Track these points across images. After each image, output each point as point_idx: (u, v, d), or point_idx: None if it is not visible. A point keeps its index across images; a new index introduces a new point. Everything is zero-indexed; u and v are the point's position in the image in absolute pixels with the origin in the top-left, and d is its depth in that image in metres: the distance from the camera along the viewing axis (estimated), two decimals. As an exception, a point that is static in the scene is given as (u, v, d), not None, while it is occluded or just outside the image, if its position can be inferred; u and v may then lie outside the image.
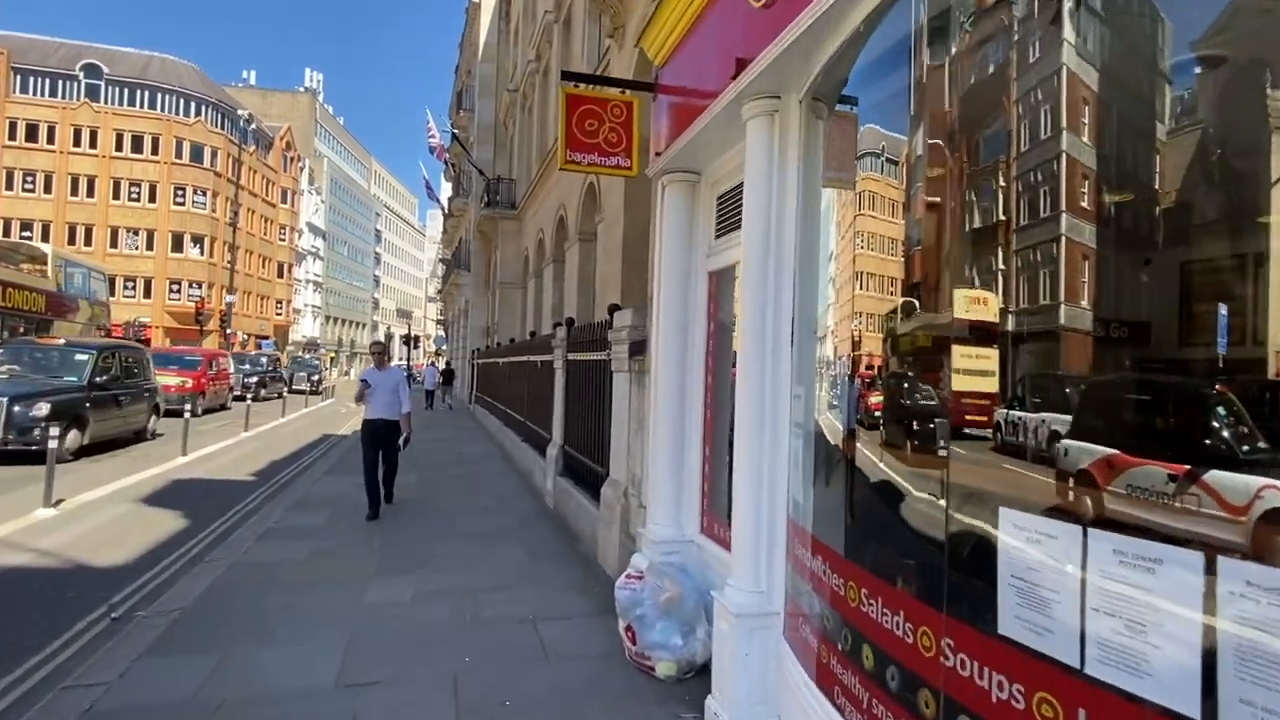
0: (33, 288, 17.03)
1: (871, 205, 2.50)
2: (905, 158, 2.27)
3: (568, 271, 14.70)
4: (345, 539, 6.13)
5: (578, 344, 7.04)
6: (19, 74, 46.50)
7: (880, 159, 2.48)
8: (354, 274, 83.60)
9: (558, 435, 7.81)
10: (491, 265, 26.33)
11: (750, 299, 2.99)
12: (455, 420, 19.76)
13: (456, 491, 8.59)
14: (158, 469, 9.94)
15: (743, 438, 2.99)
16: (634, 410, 5.03)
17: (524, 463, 9.98)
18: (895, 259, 2.33)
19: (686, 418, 4.12)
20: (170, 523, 6.95)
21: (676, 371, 4.11)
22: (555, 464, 7.67)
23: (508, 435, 12.16)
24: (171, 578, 5.29)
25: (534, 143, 19.98)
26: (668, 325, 4.14)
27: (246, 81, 73.65)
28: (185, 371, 19.07)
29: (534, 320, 19.18)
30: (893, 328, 2.27)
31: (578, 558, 5.78)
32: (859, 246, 2.50)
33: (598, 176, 11.90)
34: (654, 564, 3.64)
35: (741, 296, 3.07)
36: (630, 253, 8.39)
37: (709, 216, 4.07)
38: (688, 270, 4.15)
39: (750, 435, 2.95)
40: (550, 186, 16.86)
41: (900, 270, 2.30)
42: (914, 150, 2.19)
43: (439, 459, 11.35)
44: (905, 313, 2.22)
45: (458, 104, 30.76)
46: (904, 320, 2.22)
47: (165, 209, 47.77)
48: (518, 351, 11.67)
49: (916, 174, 2.17)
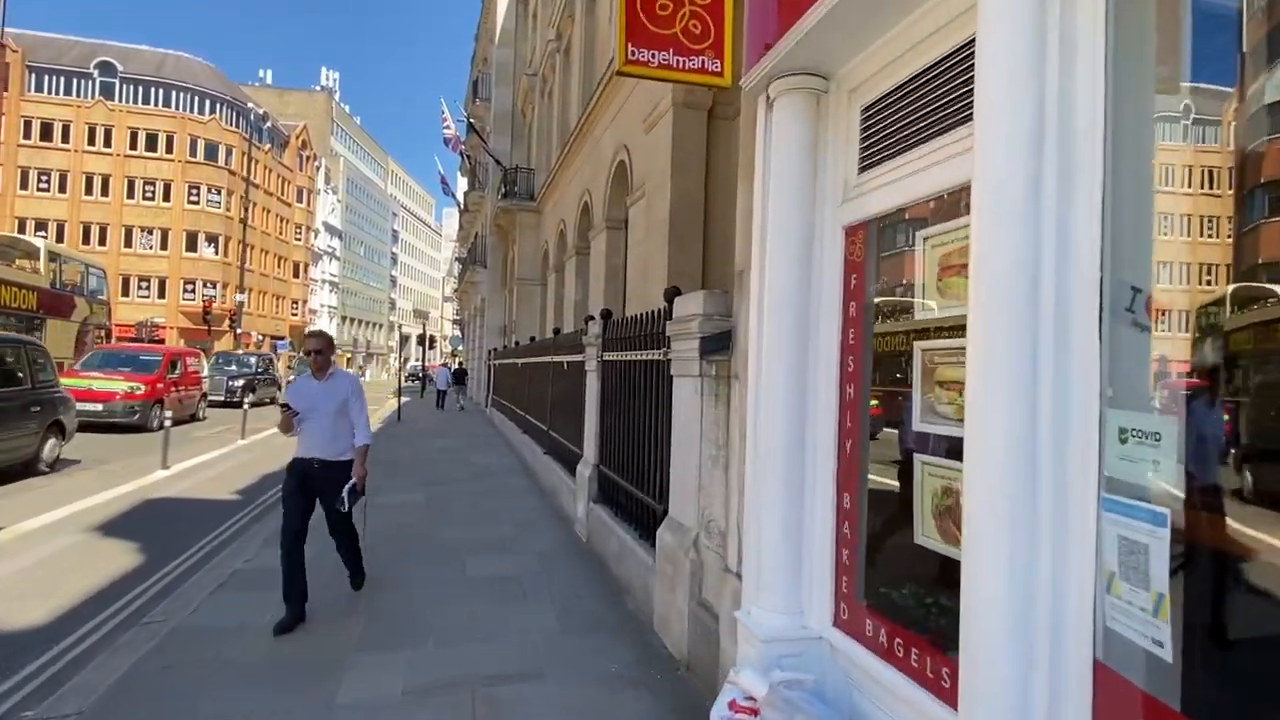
0: (22, 284, 16.00)
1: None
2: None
3: (592, 264, 13.38)
4: (327, 590, 4.81)
5: (618, 341, 5.69)
6: (33, 72, 46.14)
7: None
8: (370, 274, 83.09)
9: (591, 452, 6.45)
10: (509, 261, 25.10)
11: (995, 249, 1.62)
12: (469, 424, 18.50)
13: (469, 515, 7.26)
14: (131, 485, 8.71)
15: (982, 509, 1.62)
16: (708, 430, 3.66)
17: (547, 479, 8.63)
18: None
19: (809, 448, 2.74)
20: (120, 560, 5.68)
21: (792, 379, 2.73)
22: (588, 487, 6.31)
23: (528, 445, 10.83)
24: (91, 650, 4.00)
25: (554, 128, 18.70)
26: (778, 311, 2.76)
27: (263, 80, 73.38)
28: (138, 375, 14.89)
29: (554, 318, 17.91)
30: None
31: (625, 621, 4.41)
32: None
33: (629, 153, 10.55)
34: (776, 690, 2.25)
35: (974, 245, 1.69)
36: (680, 228, 7.02)
37: (846, 141, 2.69)
38: (808, 227, 2.77)
39: (1002, 506, 1.57)
40: (573, 172, 15.54)
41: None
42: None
43: (450, 472, 10.06)
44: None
45: (474, 94, 29.56)
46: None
47: (179, 208, 47.22)
48: (539, 351, 10.35)
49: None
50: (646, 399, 4.87)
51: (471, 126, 25.42)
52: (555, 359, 8.68)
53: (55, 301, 17.26)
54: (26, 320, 16.10)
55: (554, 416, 8.85)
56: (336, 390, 4.39)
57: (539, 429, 10.01)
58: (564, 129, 17.08)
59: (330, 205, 69.76)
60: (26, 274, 16.47)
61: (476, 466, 10.72)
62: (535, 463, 9.84)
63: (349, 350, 75.36)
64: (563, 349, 8.24)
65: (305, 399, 4.36)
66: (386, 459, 11.21)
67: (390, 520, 6.79)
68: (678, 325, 3.95)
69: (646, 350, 4.88)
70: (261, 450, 12.84)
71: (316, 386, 4.38)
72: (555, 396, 8.75)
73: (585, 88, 14.47)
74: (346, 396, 4.40)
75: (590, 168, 13.44)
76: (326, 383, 4.40)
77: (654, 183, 8.03)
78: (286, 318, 59.91)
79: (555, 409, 8.76)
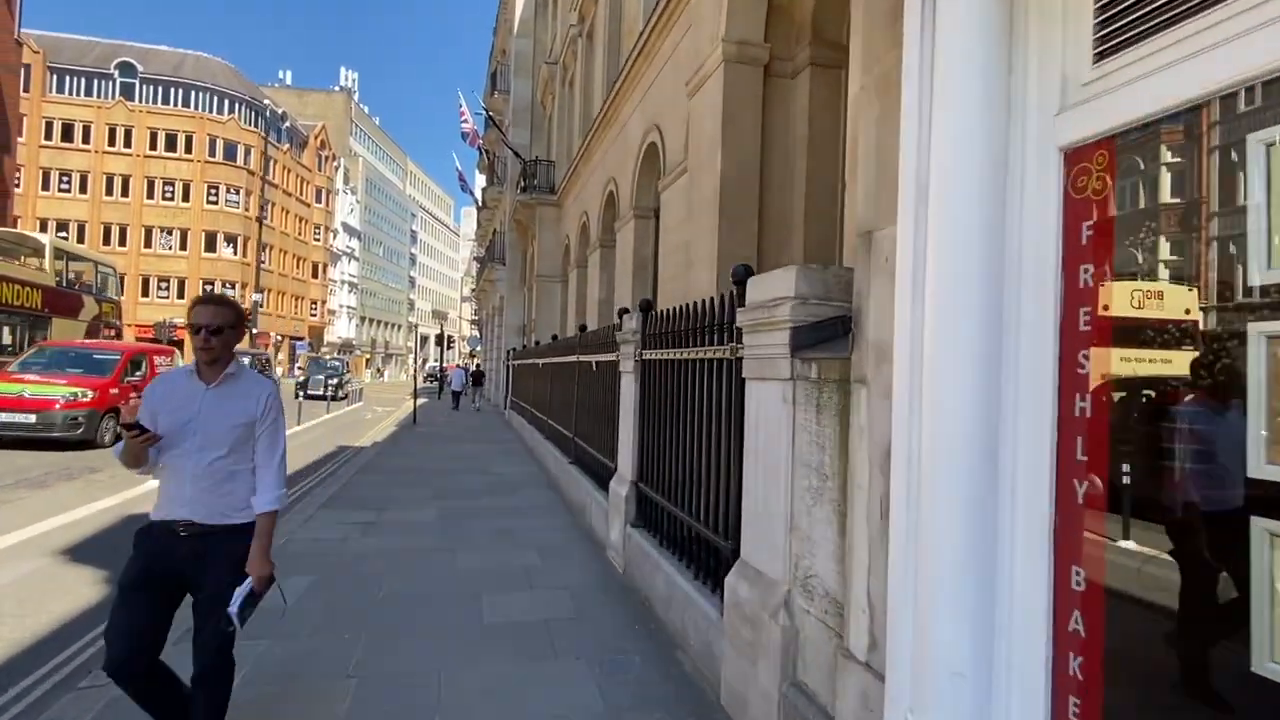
0: (26, 281, 15.41)
1: None
2: None
3: (619, 256, 12.47)
4: (313, 638, 3.92)
5: (662, 336, 4.75)
6: (55, 73, 46.26)
7: None
8: (389, 275, 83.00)
9: (627, 467, 5.52)
10: (528, 258, 24.30)
11: None
12: (486, 427, 17.67)
13: (487, 537, 6.36)
14: (115, 498, 7.92)
15: None
16: (804, 452, 2.71)
17: (574, 493, 7.73)
18: None
19: (1006, 492, 1.78)
20: (77, 595, 4.85)
21: (977, 388, 1.78)
22: (624, 508, 5.38)
23: (550, 452, 9.94)
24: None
25: (575, 117, 17.85)
26: (949, 287, 1.81)
27: (282, 81, 73.56)
28: (87, 378, 11.81)
29: (576, 316, 17.03)
30: None
31: (683, 690, 3.46)
32: None
33: (661, 133, 9.62)
34: None
35: None
36: (732, 205, 6.07)
37: (1065, 17, 1.73)
38: (997, 155, 1.81)
39: None
40: (596, 161, 14.65)
41: None
42: None
43: (466, 483, 9.18)
44: None
45: (492, 86, 28.78)
46: None
47: (198, 208, 47.13)
48: (563, 350, 9.46)
49: None
50: (704, 406, 3.93)
51: (490, 120, 24.61)
52: (582, 359, 7.77)
53: (61, 300, 16.68)
54: (30, 319, 15.53)
55: (580, 422, 7.94)
56: (237, 402, 2.51)
57: (563, 436, 9.11)
58: (586, 117, 16.21)
59: (349, 205, 69.62)
60: (31, 271, 15.89)
61: (495, 477, 9.84)
62: (560, 473, 8.94)
63: (368, 351, 75.26)
64: (591, 348, 7.33)
65: (175, 410, 2.46)
66: (398, 466, 10.40)
67: (397, 544, 5.93)
68: (753, 313, 3.01)
69: (703, 347, 3.95)
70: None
71: (199, 391, 2.49)
72: (582, 400, 7.84)
73: (610, 71, 13.59)
74: (252, 416, 2.51)
75: (617, 153, 12.54)
76: (219, 387, 2.49)
77: (699, 155, 7.05)
78: (305, 318, 59.78)
79: (582, 414, 7.86)
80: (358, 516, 6.93)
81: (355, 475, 9.51)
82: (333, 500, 7.75)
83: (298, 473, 10.24)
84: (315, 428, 17.64)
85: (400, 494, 8.21)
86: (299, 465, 10.85)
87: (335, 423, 19.61)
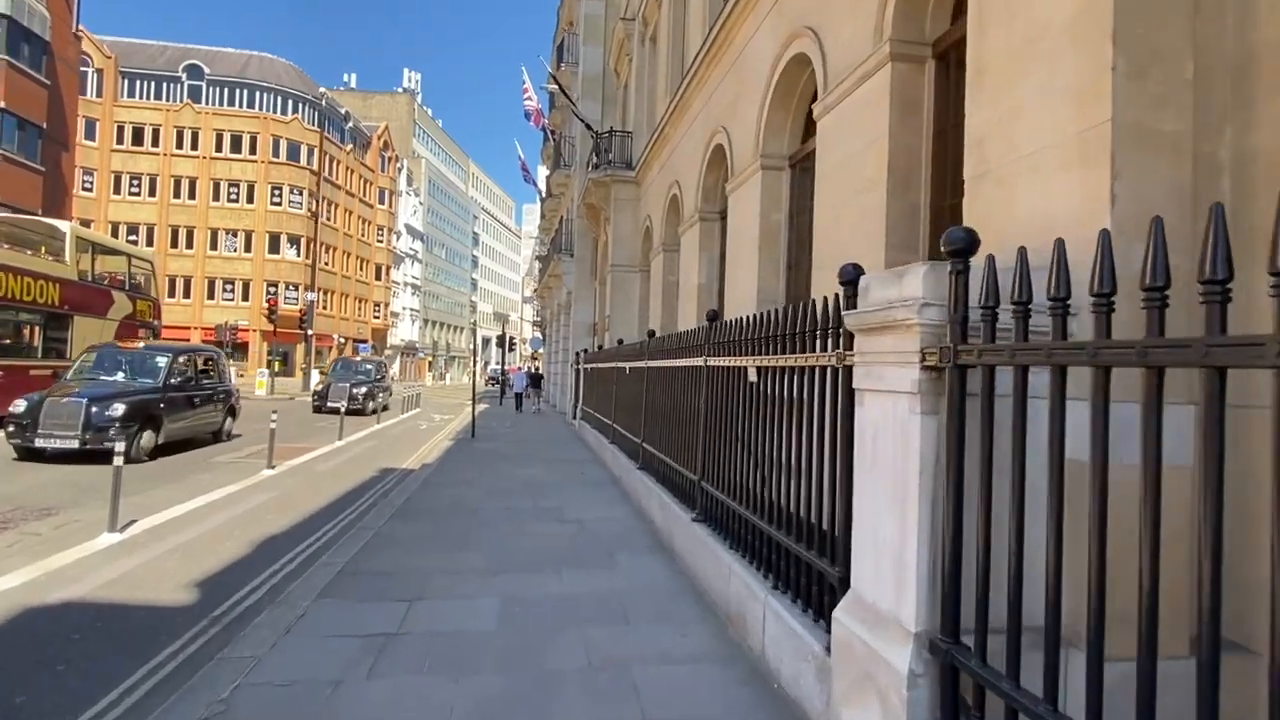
0: (40, 274, 13.57)
1: None
2: None
3: (733, 226, 9.54)
4: None
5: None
6: (126, 78, 46.60)
7: None
8: (451, 277, 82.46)
9: (909, 603, 2.57)
10: (600, 247, 21.63)
11: None
12: (554, 441, 14.82)
13: (579, 678, 3.50)
14: (36, 568, 5.46)
15: None
16: None
17: (705, 570, 4.83)
18: None
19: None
20: None
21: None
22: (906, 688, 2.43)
23: (653, 493, 7.06)
24: None
25: (661, 76, 15.03)
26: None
27: (347, 85, 73.80)
28: None
29: (662, 312, 14.18)
30: None
31: None
32: None
33: (819, 37, 6.64)
34: None
35: None
36: (904, 178, 3.09)
37: None
38: None
39: None
40: (696, 111, 11.68)
41: None
42: None
43: (538, 541, 6.33)
44: None
45: (558, 58, 26.27)
46: None
47: (262, 209, 46.69)
48: (674, 353, 6.60)
49: None
50: None
51: (561, 90, 21.92)
52: (727, 363, 4.85)
53: (85, 296, 14.88)
54: (45, 317, 13.71)
55: (707, 456, 5.03)
56: None
57: (682, 477, 6.19)
58: (674, 75, 13.40)
59: (412, 207, 69.04)
60: (46, 263, 14.06)
61: (576, 528, 7.00)
62: (672, 528, 6.06)
63: (430, 354, 74.60)
64: (741, 344, 4.41)
65: None
66: (448, 503, 7.70)
67: (423, 698, 3.10)
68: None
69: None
70: (289, 485, 9.64)
71: None
72: (713, 425, 4.94)
73: (712, 6, 10.74)
74: None
75: (730, 89, 9.58)
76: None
77: (866, 120, 4.13)
78: (369, 320, 59.14)
79: (709, 444, 4.95)
80: (371, 619, 4.23)
81: (387, 523, 6.87)
82: (342, 579, 5.07)
83: (310, 520, 7.68)
84: (360, 443, 15.32)
85: (442, 563, 5.50)
86: (314, 507, 8.30)
87: (385, 435, 17.33)
